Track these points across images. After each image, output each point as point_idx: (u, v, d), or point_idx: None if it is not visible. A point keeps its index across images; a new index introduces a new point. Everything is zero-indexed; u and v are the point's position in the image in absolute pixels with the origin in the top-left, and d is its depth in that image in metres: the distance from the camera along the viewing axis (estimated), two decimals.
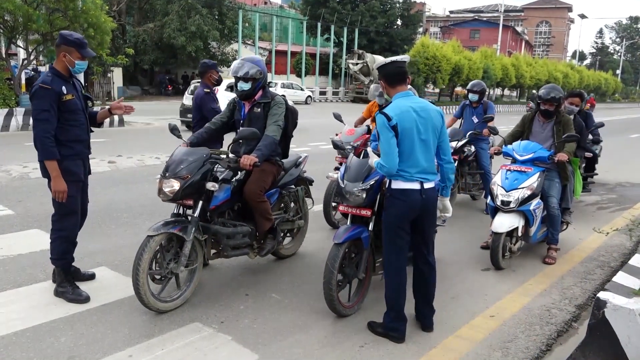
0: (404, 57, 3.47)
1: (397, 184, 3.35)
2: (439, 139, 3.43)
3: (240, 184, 4.07)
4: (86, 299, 3.79)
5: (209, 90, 5.47)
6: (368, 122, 6.45)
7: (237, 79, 4.10)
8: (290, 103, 4.57)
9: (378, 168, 3.35)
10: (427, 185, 3.35)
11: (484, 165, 6.96)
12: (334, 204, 5.86)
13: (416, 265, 3.58)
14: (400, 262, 3.45)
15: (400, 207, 3.35)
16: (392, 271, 3.47)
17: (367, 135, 5.73)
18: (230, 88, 7.49)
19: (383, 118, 3.26)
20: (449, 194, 3.71)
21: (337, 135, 6.10)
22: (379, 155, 3.39)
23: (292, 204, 4.82)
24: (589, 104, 26.91)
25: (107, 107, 4.12)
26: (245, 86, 4.10)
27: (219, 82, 5.70)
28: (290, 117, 4.42)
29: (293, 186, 4.75)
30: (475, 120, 6.94)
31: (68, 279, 3.86)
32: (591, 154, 7.47)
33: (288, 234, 4.95)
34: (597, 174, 7.82)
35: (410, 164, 3.30)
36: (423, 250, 3.53)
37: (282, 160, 4.44)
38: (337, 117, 6.32)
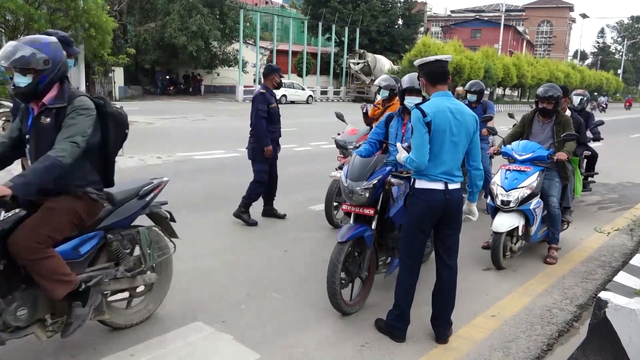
0: (447, 57, 3.44)
1: (420, 184, 3.33)
2: (470, 144, 3.40)
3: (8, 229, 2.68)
4: None
5: (264, 91, 5.89)
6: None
7: (13, 70, 2.74)
8: (123, 104, 3.81)
9: (407, 163, 3.31)
10: (451, 186, 3.32)
11: (484, 164, 6.95)
12: (335, 204, 5.85)
13: (437, 269, 3.54)
14: (415, 262, 3.45)
15: (421, 206, 3.33)
16: (407, 270, 3.46)
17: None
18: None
19: (419, 113, 3.23)
20: (476, 199, 3.67)
21: (339, 134, 6.05)
22: (407, 151, 3.37)
23: (134, 251, 3.37)
24: (627, 103, 25.82)
25: None
26: (22, 81, 2.74)
27: (280, 85, 6.11)
28: (114, 128, 3.05)
29: (136, 226, 3.37)
30: None
31: None
32: (590, 153, 7.44)
33: (129, 296, 3.47)
34: (597, 173, 7.81)
35: (436, 164, 3.28)
36: (442, 254, 3.47)
37: (107, 191, 3.14)
38: (339, 117, 6.30)
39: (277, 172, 6.22)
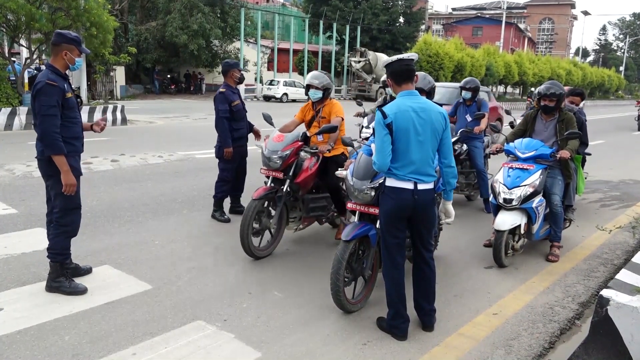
0: (412, 55, 3.42)
1: (390, 182, 3.36)
2: (440, 142, 3.39)
3: None
4: (84, 290, 3.87)
5: (224, 90, 5.79)
6: (302, 127, 5.31)
7: None
8: None
9: (373, 164, 3.36)
10: (421, 187, 3.32)
11: (477, 164, 6.75)
12: (255, 228, 5.08)
13: (416, 263, 3.58)
14: (393, 259, 3.45)
15: (390, 205, 3.35)
16: (386, 268, 3.49)
17: (300, 144, 4.83)
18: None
19: (380, 115, 3.27)
20: (451, 198, 3.68)
21: (264, 140, 5.03)
22: None
23: None
24: None
25: (90, 123, 4.18)
26: None
27: (241, 80, 5.96)
28: None
29: None
30: (469, 118, 6.76)
31: (64, 273, 3.91)
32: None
33: None
34: (587, 173, 7.71)
35: (404, 164, 3.29)
36: (421, 251, 3.51)
37: None
38: (267, 119, 5.19)
39: (246, 169, 6.20)
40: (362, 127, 6.86)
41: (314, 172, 4.88)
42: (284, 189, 4.73)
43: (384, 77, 6.11)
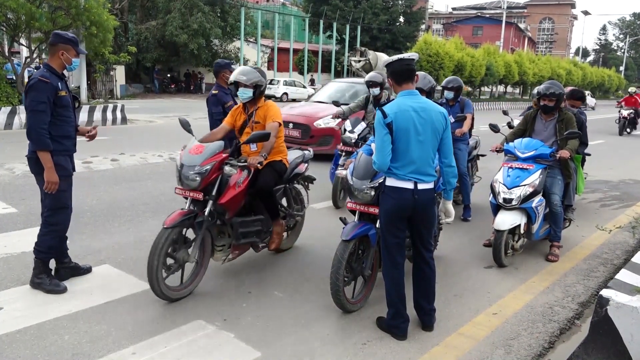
0: (412, 55, 3.43)
1: (390, 182, 3.36)
2: (440, 141, 3.39)
3: None
4: (64, 290, 3.87)
5: (216, 92, 5.69)
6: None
7: None
8: None
9: (373, 164, 3.37)
10: (421, 186, 3.32)
11: (459, 167, 6.26)
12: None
13: (416, 263, 3.58)
14: (393, 259, 3.45)
15: (391, 204, 3.36)
16: (386, 268, 3.50)
17: (224, 156, 4.01)
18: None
19: (380, 115, 3.27)
20: (451, 198, 3.69)
21: (182, 149, 4.10)
22: None
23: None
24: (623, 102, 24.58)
25: (87, 128, 4.15)
26: None
27: None
28: None
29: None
30: (451, 120, 6.24)
31: (46, 270, 3.92)
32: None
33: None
34: (587, 173, 7.71)
35: (404, 163, 3.30)
36: (421, 251, 3.52)
37: None
38: (184, 125, 4.22)
39: None
40: (345, 131, 6.36)
41: (244, 189, 4.06)
42: (206, 213, 3.84)
43: (366, 78, 6.01)
